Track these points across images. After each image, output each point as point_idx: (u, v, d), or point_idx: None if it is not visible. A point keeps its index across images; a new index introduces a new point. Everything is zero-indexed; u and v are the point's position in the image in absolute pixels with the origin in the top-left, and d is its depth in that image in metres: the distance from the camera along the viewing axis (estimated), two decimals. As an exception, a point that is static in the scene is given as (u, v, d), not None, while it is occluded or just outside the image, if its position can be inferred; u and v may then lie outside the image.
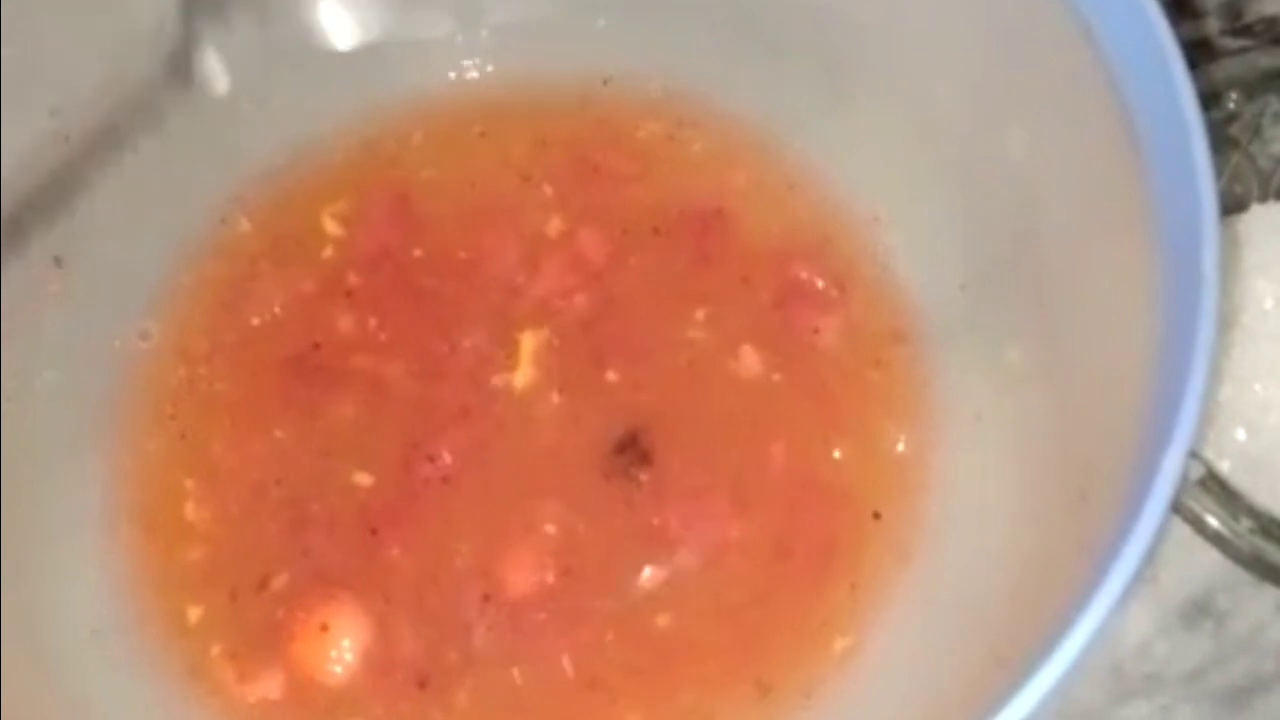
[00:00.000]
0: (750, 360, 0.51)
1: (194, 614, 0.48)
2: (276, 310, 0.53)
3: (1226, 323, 0.51)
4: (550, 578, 0.48)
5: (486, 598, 0.48)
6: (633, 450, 0.49)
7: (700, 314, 0.52)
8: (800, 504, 0.49)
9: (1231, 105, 0.54)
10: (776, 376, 0.51)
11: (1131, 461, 0.36)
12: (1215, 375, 0.51)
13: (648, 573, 0.48)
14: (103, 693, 0.46)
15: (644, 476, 0.49)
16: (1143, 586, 0.51)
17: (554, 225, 0.54)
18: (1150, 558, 0.33)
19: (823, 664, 0.47)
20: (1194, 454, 0.48)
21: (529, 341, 0.52)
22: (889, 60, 0.50)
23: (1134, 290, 0.39)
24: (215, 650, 0.47)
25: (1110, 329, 0.41)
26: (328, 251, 0.54)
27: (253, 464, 0.50)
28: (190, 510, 0.50)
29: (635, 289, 0.53)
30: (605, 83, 0.56)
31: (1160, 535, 0.33)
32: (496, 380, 0.51)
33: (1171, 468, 0.34)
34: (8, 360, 0.47)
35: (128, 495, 0.50)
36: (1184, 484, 0.48)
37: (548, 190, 0.55)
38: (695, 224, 0.54)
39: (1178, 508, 0.49)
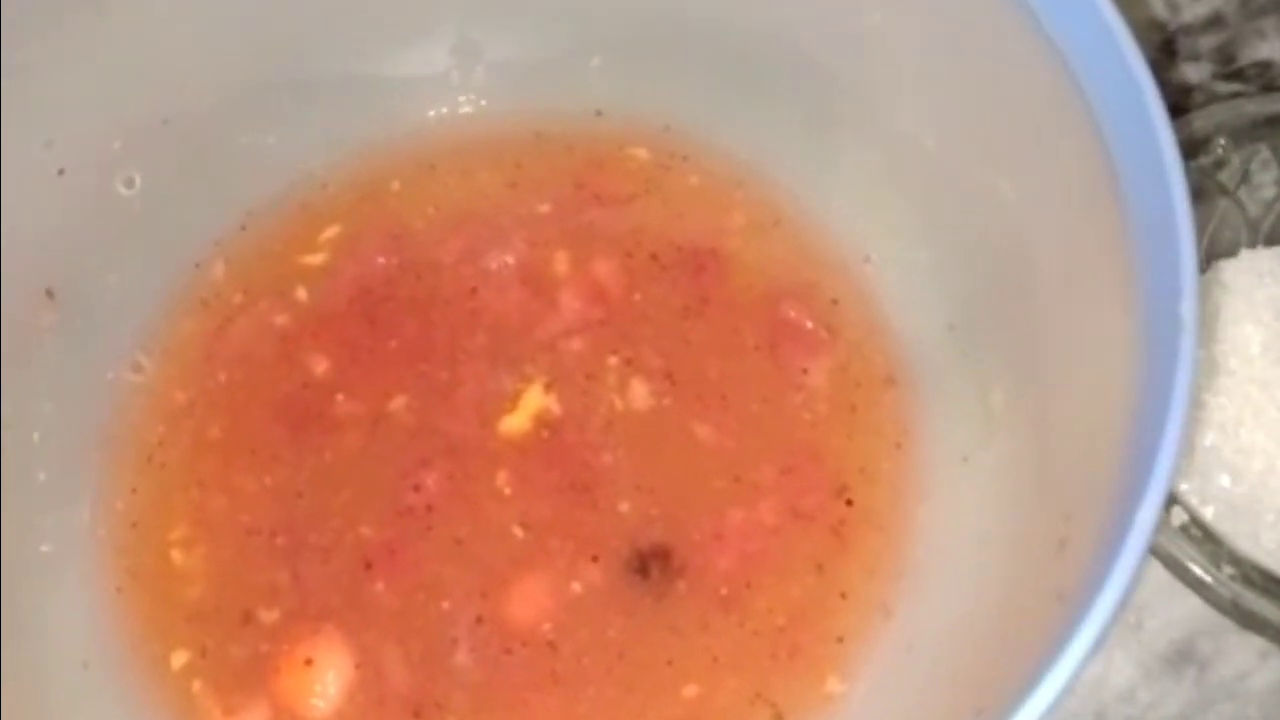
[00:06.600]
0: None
1: (180, 655, 0.48)
2: (264, 351, 0.53)
3: (1214, 368, 0.52)
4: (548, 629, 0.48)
5: (479, 620, 0.48)
6: (650, 557, 0.49)
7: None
8: (789, 551, 0.49)
9: (1220, 151, 0.55)
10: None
11: (1109, 509, 0.36)
12: (1200, 421, 0.51)
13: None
14: (93, 723, 0.47)
15: (656, 570, 0.49)
16: (1126, 633, 0.51)
17: (558, 256, 0.54)
18: (1125, 606, 0.33)
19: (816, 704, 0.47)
20: (1177, 500, 0.49)
21: (534, 395, 0.52)
22: (878, 107, 0.51)
23: (1114, 337, 0.39)
24: (201, 684, 0.48)
25: (1091, 375, 0.41)
26: (319, 289, 0.54)
27: (243, 508, 0.50)
28: (178, 556, 0.50)
29: (640, 327, 0.53)
30: (598, 115, 0.56)
31: (1135, 584, 0.34)
32: (493, 419, 0.51)
33: (1146, 518, 0.34)
34: (4, 391, 0.48)
35: (119, 536, 0.50)
36: (1166, 530, 0.48)
37: (545, 218, 0.55)
38: (691, 263, 0.54)
39: (1161, 554, 0.49)
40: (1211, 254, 0.55)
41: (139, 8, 0.48)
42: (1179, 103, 0.61)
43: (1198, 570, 0.48)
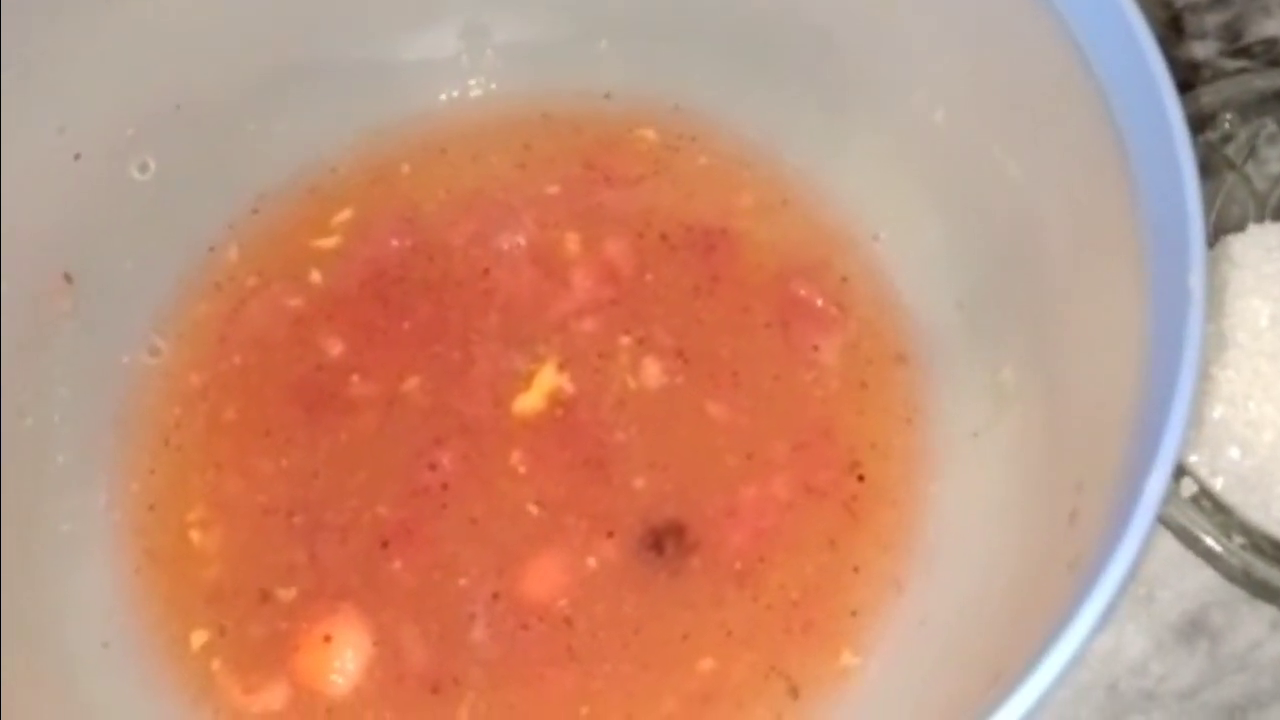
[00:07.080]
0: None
1: (199, 635, 0.49)
2: (278, 333, 0.53)
3: (1222, 341, 0.52)
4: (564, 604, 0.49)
5: (496, 596, 0.48)
6: (664, 533, 0.49)
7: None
8: (801, 527, 0.49)
9: (1227, 126, 0.55)
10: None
11: (1119, 480, 0.36)
12: (1210, 394, 0.51)
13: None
14: (112, 703, 0.47)
15: (670, 547, 0.49)
16: (1138, 605, 0.52)
17: (569, 237, 0.55)
18: (1135, 575, 0.34)
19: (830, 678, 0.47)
20: (1187, 471, 0.49)
21: (547, 374, 0.52)
22: (887, 84, 0.51)
23: (1123, 311, 0.39)
24: (220, 663, 0.48)
25: (1100, 349, 0.42)
26: (332, 272, 0.54)
27: (260, 488, 0.51)
28: (195, 537, 0.50)
29: (652, 306, 0.53)
30: (607, 96, 0.56)
31: (1145, 552, 0.34)
32: (507, 399, 0.52)
33: (1156, 487, 0.34)
34: (23, 375, 0.48)
35: (136, 517, 0.51)
36: (1177, 501, 0.49)
37: (555, 200, 0.56)
38: (701, 243, 0.54)
39: (1172, 525, 0.49)
40: (1219, 229, 0.55)
41: (150, -7, 0.48)
42: (1186, 79, 0.61)
43: (1209, 541, 0.48)
